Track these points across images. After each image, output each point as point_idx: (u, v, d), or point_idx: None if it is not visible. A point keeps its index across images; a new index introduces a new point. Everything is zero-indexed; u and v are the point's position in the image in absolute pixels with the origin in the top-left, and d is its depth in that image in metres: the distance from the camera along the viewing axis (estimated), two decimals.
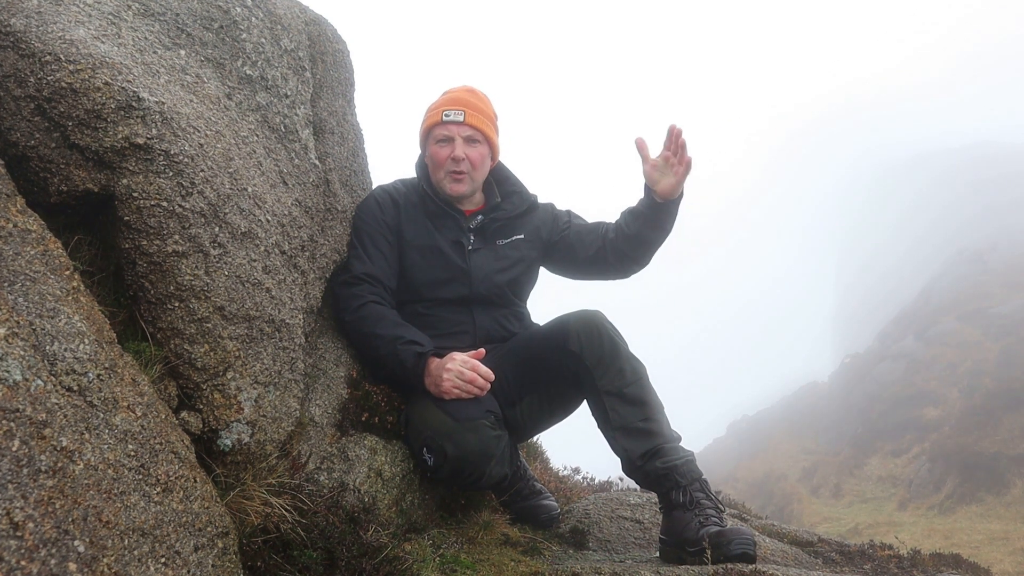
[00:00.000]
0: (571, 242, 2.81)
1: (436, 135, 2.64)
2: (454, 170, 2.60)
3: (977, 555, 7.17)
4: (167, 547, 1.23)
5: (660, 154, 2.58)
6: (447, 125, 2.61)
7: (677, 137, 2.53)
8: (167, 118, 1.60)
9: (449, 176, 2.62)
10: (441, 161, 2.61)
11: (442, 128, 2.62)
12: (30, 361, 1.11)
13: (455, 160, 2.59)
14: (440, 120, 2.62)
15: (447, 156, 2.60)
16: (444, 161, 2.61)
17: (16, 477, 0.98)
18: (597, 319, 2.42)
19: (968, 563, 3.40)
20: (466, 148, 2.60)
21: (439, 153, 2.62)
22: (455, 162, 2.59)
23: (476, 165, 2.63)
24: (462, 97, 2.68)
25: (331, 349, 2.39)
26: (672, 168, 2.55)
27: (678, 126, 2.53)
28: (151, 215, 1.54)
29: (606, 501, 3.26)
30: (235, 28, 2.07)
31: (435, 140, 2.64)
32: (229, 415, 1.62)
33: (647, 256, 2.80)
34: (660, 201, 2.62)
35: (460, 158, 2.59)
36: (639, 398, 2.33)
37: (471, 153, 2.61)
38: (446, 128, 2.61)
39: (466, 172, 2.61)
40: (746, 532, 2.11)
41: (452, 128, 2.60)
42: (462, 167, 2.60)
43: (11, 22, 1.50)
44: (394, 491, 2.29)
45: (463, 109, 2.62)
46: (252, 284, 1.73)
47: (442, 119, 2.62)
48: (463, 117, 2.61)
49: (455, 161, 2.59)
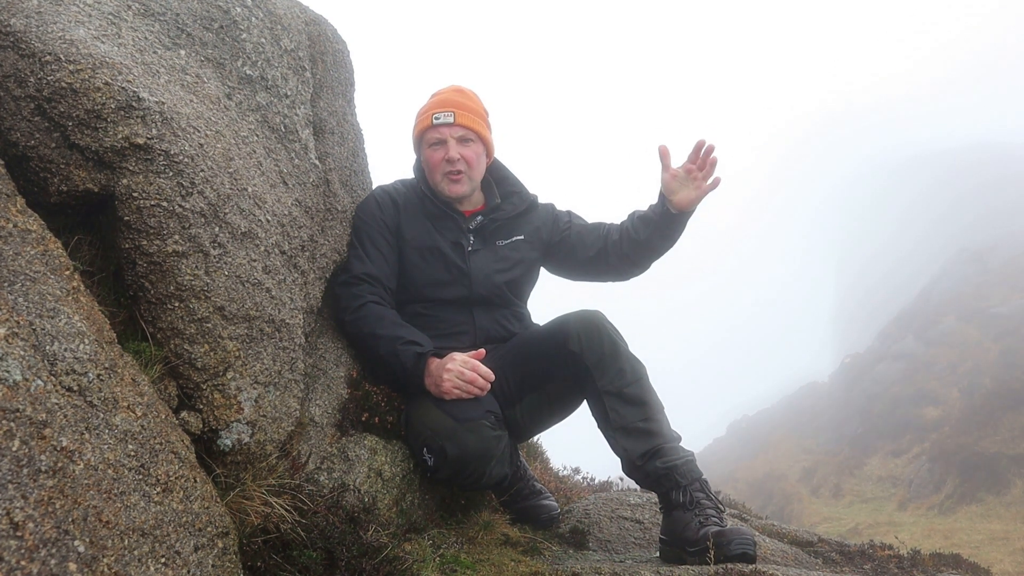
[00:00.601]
0: (572, 243, 2.81)
1: (428, 139, 2.63)
2: (450, 171, 2.60)
3: (977, 555, 7.16)
4: (167, 547, 1.23)
5: (683, 165, 2.60)
6: (438, 128, 2.60)
7: (708, 153, 2.55)
8: (167, 118, 1.59)
9: (446, 178, 2.61)
10: (436, 164, 2.61)
11: (433, 131, 2.61)
12: (30, 361, 1.11)
13: (450, 161, 2.59)
14: (431, 124, 2.61)
15: (441, 159, 2.60)
16: (439, 164, 2.60)
17: (16, 477, 0.98)
18: (597, 319, 2.42)
19: (968, 563, 3.40)
20: (460, 148, 2.60)
21: (433, 156, 2.62)
22: (450, 163, 2.59)
23: (472, 164, 2.63)
24: (450, 98, 2.67)
25: (331, 349, 2.39)
26: (695, 182, 2.58)
27: (710, 142, 2.55)
28: (151, 215, 1.54)
29: (606, 501, 3.26)
30: (235, 28, 2.07)
31: (428, 144, 2.64)
32: (229, 415, 1.62)
33: (649, 262, 2.80)
34: (675, 212, 2.63)
35: (455, 159, 2.58)
36: (639, 398, 2.33)
37: (465, 152, 2.61)
38: (437, 131, 2.61)
39: (463, 172, 2.61)
40: (746, 532, 2.11)
41: (444, 130, 2.60)
42: (458, 167, 2.60)
43: (11, 22, 1.50)
44: (394, 491, 2.29)
45: (452, 110, 2.62)
46: (252, 284, 1.73)
47: (432, 122, 2.61)
48: (453, 118, 2.60)
49: (450, 162, 2.59)
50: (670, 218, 2.65)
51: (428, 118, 2.63)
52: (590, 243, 2.79)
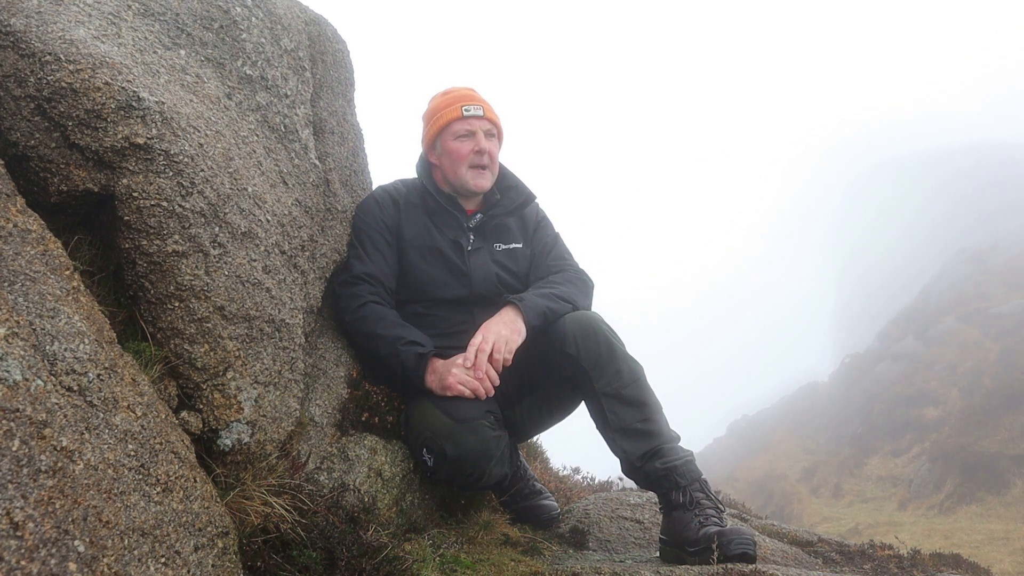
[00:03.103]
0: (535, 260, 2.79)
1: (456, 130, 2.64)
2: (478, 164, 2.62)
3: (977, 555, 7.16)
4: (167, 547, 1.23)
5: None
6: (468, 120, 2.63)
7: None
8: (167, 118, 1.59)
9: (473, 170, 2.63)
10: (464, 156, 2.62)
11: (463, 123, 2.63)
12: (30, 361, 1.11)
13: (479, 153, 2.61)
14: (460, 115, 2.63)
15: (471, 150, 2.61)
16: (468, 155, 2.62)
17: (16, 477, 0.98)
18: (593, 321, 2.41)
19: (968, 563, 3.40)
20: (487, 142, 2.63)
21: (461, 148, 2.62)
22: (479, 155, 2.61)
23: (494, 159, 2.68)
24: (474, 94, 2.72)
25: (331, 349, 2.39)
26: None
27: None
28: (151, 215, 1.54)
29: (606, 501, 3.26)
30: (235, 28, 2.07)
31: (455, 136, 2.64)
32: (229, 415, 1.62)
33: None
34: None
35: (484, 150, 2.61)
36: (637, 399, 2.33)
37: (491, 147, 2.65)
38: (468, 123, 2.63)
39: (487, 166, 2.64)
40: (746, 532, 2.11)
41: (474, 123, 2.63)
42: (484, 160, 2.62)
43: (11, 22, 1.50)
44: (394, 491, 2.29)
45: (480, 104, 2.66)
46: (252, 284, 1.73)
47: (463, 114, 2.63)
48: (483, 111, 2.65)
49: (479, 154, 2.61)
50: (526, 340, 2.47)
51: (457, 110, 2.64)
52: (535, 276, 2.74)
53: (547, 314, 2.45)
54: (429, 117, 2.74)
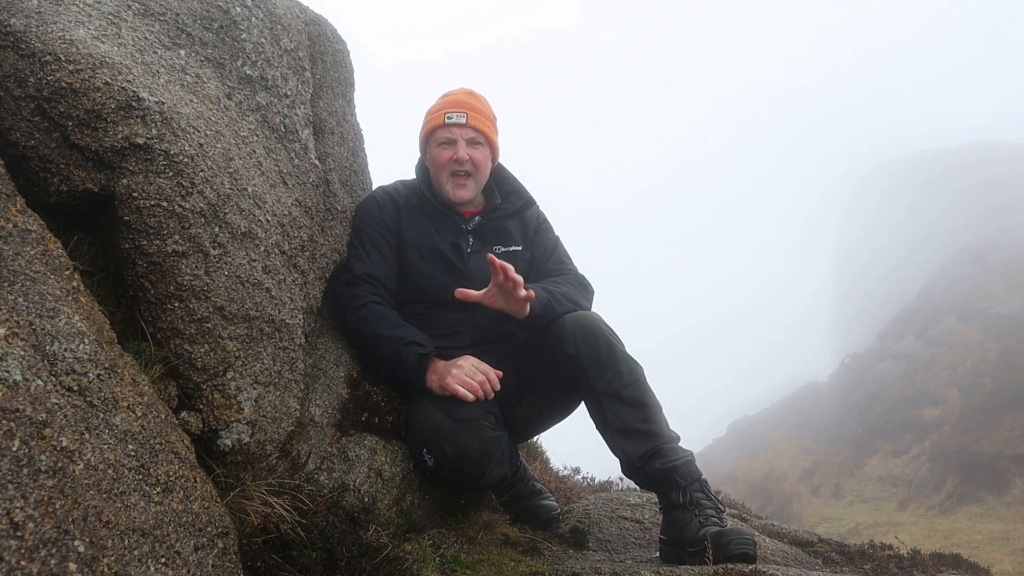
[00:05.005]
0: (535, 263, 2.79)
1: (438, 138, 2.64)
2: (457, 171, 2.60)
3: (977, 555, 7.15)
4: (167, 547, 1.23)
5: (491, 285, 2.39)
6: (449, 127, 2.61)
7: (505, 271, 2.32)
8: (167, 118, 1.59)
9: (452, 180, 2.61)
10: (444, 163, 2.61)
11: (444, 131, 2.62)
12: (30, 361, 1.11)
13: (458, 161, 2.59)
14: (442, 123, 2.62)
15: (450, 158, 2.60)
16: (447, 163, 2.61)
17: (16, 477, 0.98)
18: (593, 321, 2.41)
19: (968, 563, 3.40)
20: (469, 150, 2.61)
21: (441, 155, 2.62)
22: (458, 163, 2.59)
23: (479, 166, 2.64)
24: (463, 100, 2.68)
25: (331, 349, 2.39)
26: (510, 294, 2.37)
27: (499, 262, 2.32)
28: (151, 215, 1.54)
29: (606, 501, 3.26)
30: (235, 28, 2.07)
31: (437, 143, 2.64)
32: (229, 415, 1.62)
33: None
34: (521, 320, 2.45)
35: (464, 159, 2.59)
36: (637, 399, 2.33)
37: (474, 154, 2.62)
38: (448, 131, 2.61)
39: (470, 173, 2.62)
40: (746, 532, 2.11)
41: (455, 130, 2.61)
42: (465, 168, 2.60)
43: (11, 22, 1.50)
44: (394, 491, 2.29)
45: (465, 111, 2.63)
46: (252, 284, 1.73)
47: (444, 121, 2.62)
48: (466, 119, 2.62)
49: (458, 162, 2.59)
50: (522, 324, 2.50)
51: (440, 117, 2.64)
52: (536, 278, 2.74)
53: (549, 303, 2.44)
54: (423, 121, 2.74)
